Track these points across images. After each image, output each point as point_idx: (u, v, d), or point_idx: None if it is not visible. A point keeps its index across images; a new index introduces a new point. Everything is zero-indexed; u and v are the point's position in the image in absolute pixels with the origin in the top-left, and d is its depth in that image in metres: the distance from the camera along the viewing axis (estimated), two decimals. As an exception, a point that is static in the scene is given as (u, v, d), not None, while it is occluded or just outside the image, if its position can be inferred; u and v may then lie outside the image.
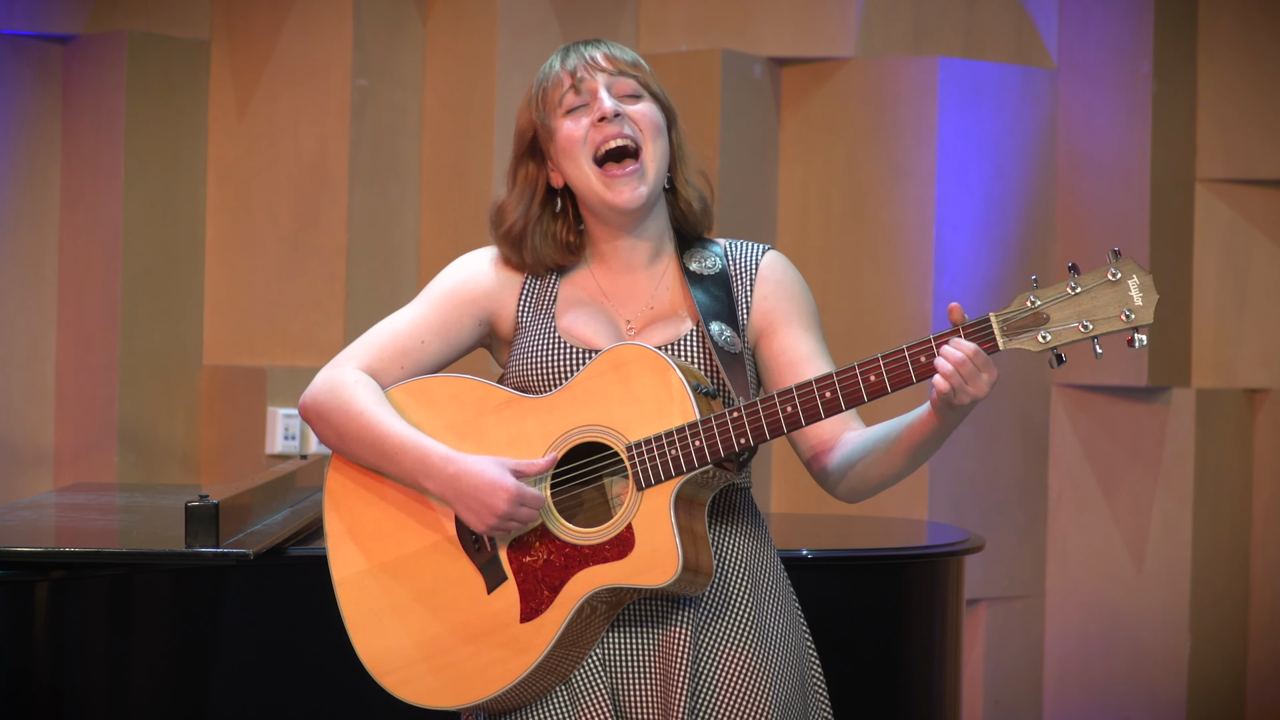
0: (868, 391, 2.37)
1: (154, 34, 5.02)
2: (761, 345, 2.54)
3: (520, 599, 2.42)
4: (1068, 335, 2.31)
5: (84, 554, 3.06)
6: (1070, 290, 2.32)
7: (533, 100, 2.52)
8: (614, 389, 2.41)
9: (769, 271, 2.56)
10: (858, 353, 5.07)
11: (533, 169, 2.54)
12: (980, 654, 5.26)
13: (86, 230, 5.03)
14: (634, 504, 2.39)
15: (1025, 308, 2.33)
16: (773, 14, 5.19)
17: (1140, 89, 5.18)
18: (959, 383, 2.33)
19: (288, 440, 4.94)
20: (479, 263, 2.57)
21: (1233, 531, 5.31)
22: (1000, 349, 2.34)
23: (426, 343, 2.53)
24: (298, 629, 3.20)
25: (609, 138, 2.47)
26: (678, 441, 2.38)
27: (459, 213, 5.06)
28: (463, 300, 2.55)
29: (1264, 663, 5.33)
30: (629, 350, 2.42)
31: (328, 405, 2.50)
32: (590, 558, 2.40)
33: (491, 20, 5.05)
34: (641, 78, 2.50)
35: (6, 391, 5.03)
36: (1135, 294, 2.29)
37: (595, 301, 2.54)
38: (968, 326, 2.36)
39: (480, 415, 2.46)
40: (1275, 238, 5.31)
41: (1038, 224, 5.27)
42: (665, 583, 2.36)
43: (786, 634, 2.52)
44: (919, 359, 2.36)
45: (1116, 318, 2.29)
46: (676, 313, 2.53)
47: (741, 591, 2.48)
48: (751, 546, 2.52)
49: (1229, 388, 5.29)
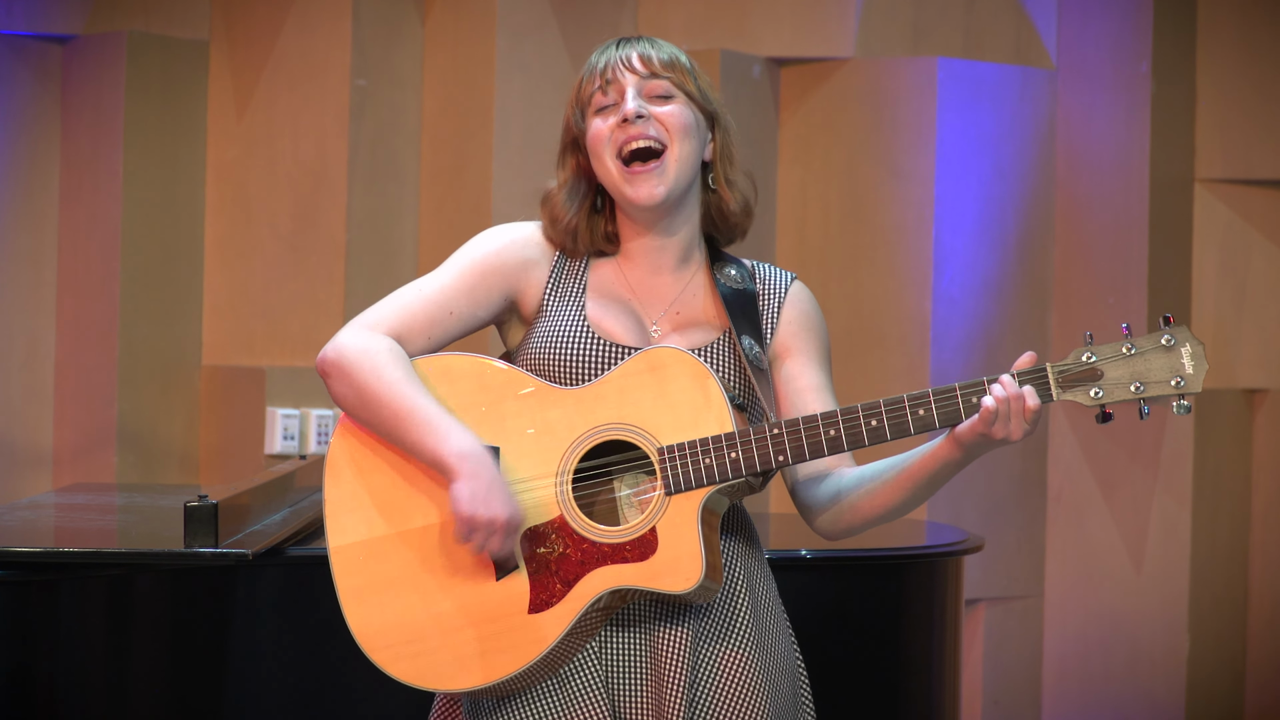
0: (915, 425, 2.38)
1: (153, 34, 5.02)
2: (776, 367, 2.56)
3: (530, 589, 2.40)
4: (1120, 394, 2.37)
5: (83, 554, 3.05)
6: (1126, 351, 2.37)
7: (573, 94, 2.54)
8: (648, 390, 2.41)
9: (796, 299, 2.58)
10: (856, 353, 5.09)
11: (582, 160, 2.55)
12: (979, 654, 5.26)
13: (85, 230, 5.03)
14: (660, 507, 2.39)
15: (1081, 362, 2.38)
16: (771, 14, 5.19)
17: (1139, 89, 5.18)
18: (1005, 411, 2.35)
19: (287, 440, 4.94)
20: (511, 236, 2.56)
21: (1232, 532, 5.31)
22: (1054, 400, 2.37)
23: (455, 313, 2.51)
24: (297, 629, 3.20)
25: (631, 139, 2.48)
26: (713, 450, 2.38)
27: (458, 213, 5.06)
28: (492, 273, 2.53)
29: (1263, 663, 5.33)
30: (668, 354, 2.42)
31: (357, 366, 2.45)
32: (610, 556, 2.39)
33: (490, 20, 5.04)
34: (676, 78, 2.51)
35: (5, 392, 5.02)
36: (1188, 362, 2.36)
37: (622, 297, 2.54)
38: (1024, 373, 2.38)
39: (502, 399, 2.45)
40: (1274, 238, 5.31)
41: (1037, 224, 5.27)
42: (685, 590, 2.36)
43: (781, 645, 2.52)
44: (970, 399, 2.37)
45: (1168, 383, 2.36)
46: (705, 319, 2.53)
47: (743, 601, 2.49)
48: (749, 556, 2.52)
49: (1228, 388, 5.29)
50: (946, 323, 5.10)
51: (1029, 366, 2.37)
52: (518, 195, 4.98)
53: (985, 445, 2.38)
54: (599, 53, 2.54)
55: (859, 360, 5.09)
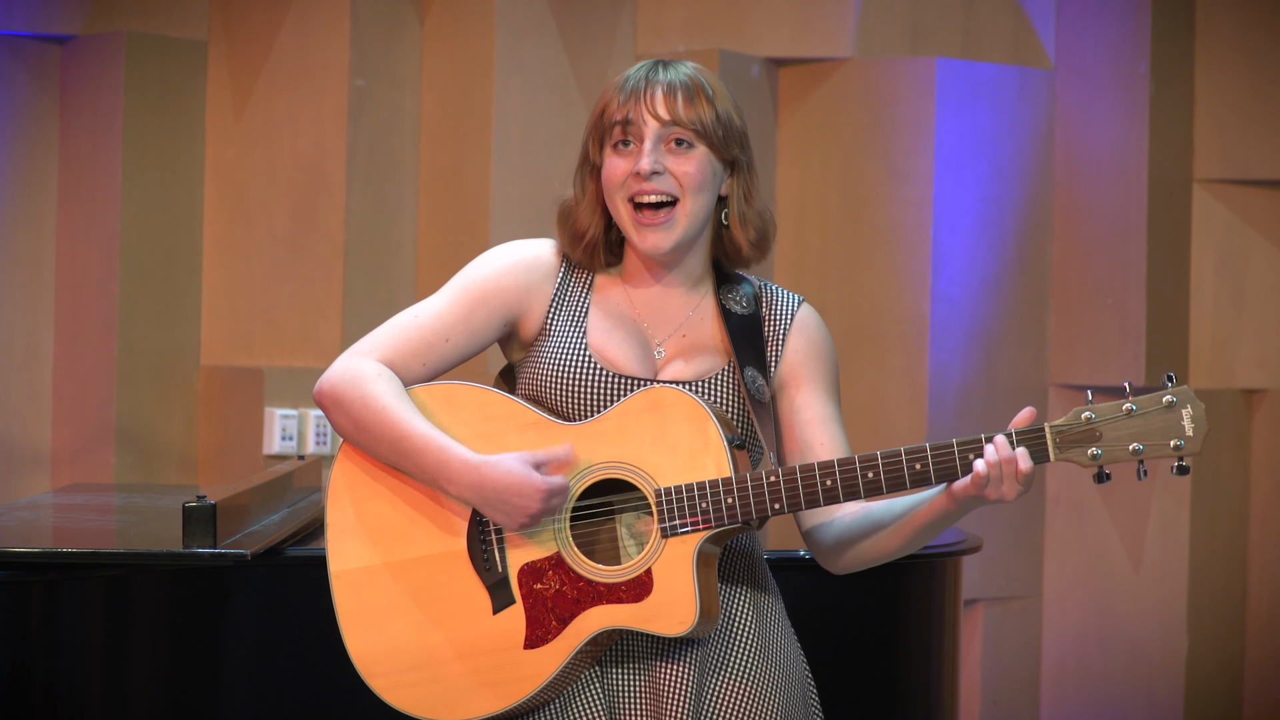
0: (911, 478, 2.36)
1: (152, 34, 5.02)
2: (782, 396, 2.53)
3: (527, 625, 2.40)
4: (1118, 455, 2.33)
5: (81, 554, 3.05)
6: (1126, 411, 2.33)
7: (595, 116, 2.49)
8: (648, 430, 2.39)
9: (804, 326, 2.54)
10: (854, 354, 5.09)
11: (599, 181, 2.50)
12: (978, 654, 5.26)
13: (84, 231, 5.02)
14: (656, 549, 2.38)
15: (1080, 422, 2.34)
16: (770, 14, 5.19)
17: (1138, 89, 5.18)
18: (996, 475, 2.32)
19: (285, 441, 4.94)
20: (514, 259, 2.53)
21: (1230, 532, 5.32)
22: (1050, 460, 2.34)
23: (451, 340, 2.49)
24: (295, 630, 3.20)
25: (644, 192, 2.45)
26: (710, 495, 2.37)
27: (457, 213, 5.06)
28: (491, 298, 2.50)
29: (1261, 663, 5.33)
30: (669, 394, 2.40)
31: (348, 395, 2.44)
32: (605, 595, 2.39)
33: (489, 21, 5.04)
34: (698, 126, 2.45)
35: (4, 392, 5.02)
36: (1188, 424, 2.32)
37: (628, 317, 2.51)
38: (1021, 433, 2.35)
39: (504, 431, 2.43)
40: (1273, 238, 5.31)
41: (1035, 225, 5.27)
42: (679, 634, 2.36)
43: (788, 655, 2.52)
44: (966, 456, 2.35)
45: (1167, 445, 2.32)
46: (710, 347, 2.50)
47: (746, 622, 2.48)
48: (753, 576, 2.52)
49: (1226, 388, 5.29)
50: (945, 323, 5.09)
51: (1026, 425, 2.34)
52: (516, 195, 4.98)
53: (979, 503, 2.37)
54: (627, 77, 2.48)
55: (857, 360, 5.09)
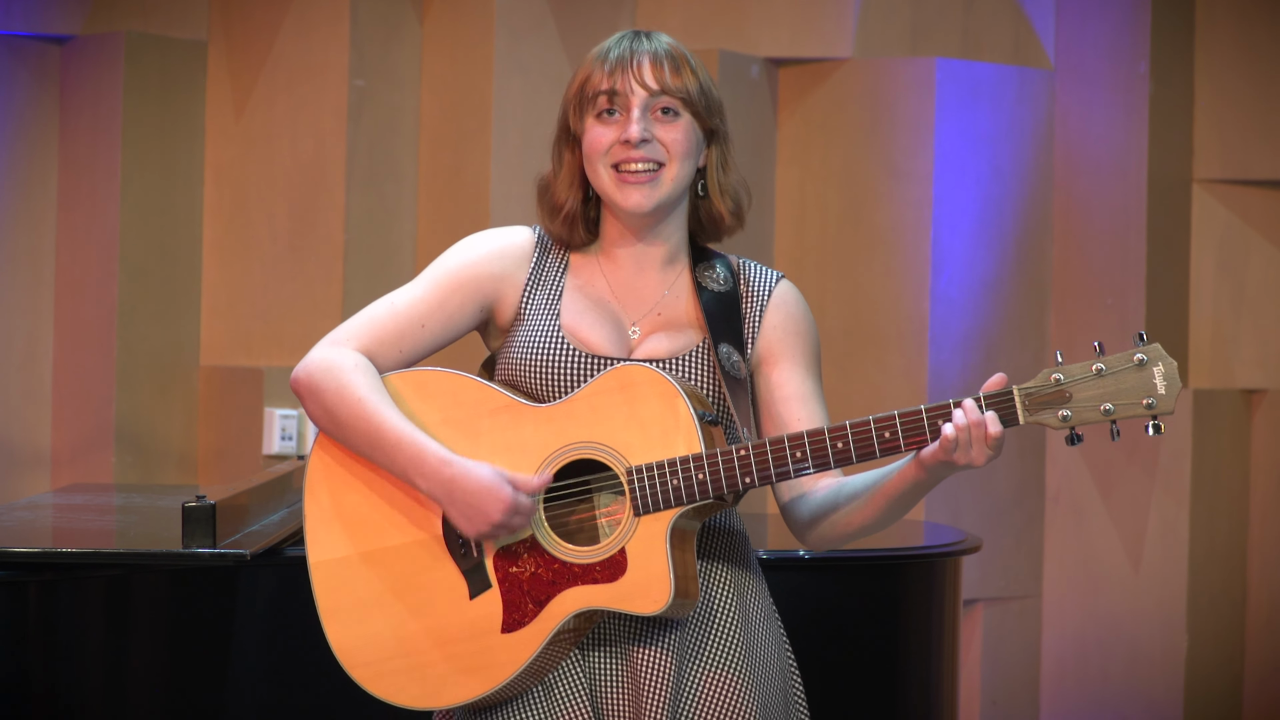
0: (881, 447, 2.34)
1: (151, 35, 5.02)
2: (760, 373, 2.52)
3: (503, 609, 2.40)
4: (1089, 416, 2.30)
5: (81, 554, 3.05)
6: (1095, 371, 2.30)
7: (576, 85, 2.48)
8: (619, 409, 2.39)
9: (781, 302, 2.52)
10: (854, 353, 5.09)
11: (578, 152, 2.50)
12: (977, 654, 5.26)
13: (83, 231, 5.03)
14: (629, 529, 2.38)
15: (1049, 384, 2.31)
16: (770, 14, 5.19)
17: (1137, 90, 5.19)
18: (965, 439, 2.31)
19: (285, 441, 4.94)
20: (488, 246, 2.53)
21: (1230, 532, 5.32)
22: (1020, 423, 2.32)
23: (427, 326, 2.49)
24: (295, 629, 3.20)
25: (630, 159, 2.45)
26: (680, 471, 2.36)
27: (456, 213, 5.06)
28: (466, 284, 2.50)
29: (1261, 663, 5.33)
30: (639, 371, 2.40)
31: (323, 385, 2.45)
32: (580, 576, 2.38)
33: (489, 21, 5.04)
34: (683, 95, 2.46)
35: (4, 392, 5.02)
36: (1159, 382, 2.30)
37: (603, 298, 2.51)
38: (990, 396, 2.33)
39: (477, 416, 2.44)
40: (1272, 238, 5.31)
41: (1035, 225, 5.27)
42: (654, 612, 2.35)
43: (770, 648, 2.51)
44: (935, 422, 2.33)
45: (1139, 404, 2.29)
46: (685, 324, 2.50)
47: (729, 607, 2.48)
48: (736, 561, 2.51)
49: (1226, 388, 5.29)
50: (944, 323, 5.10)
51: (996, 389, 2.33)
52: (516, 195, 4.98)
53: (949, 470, 2.35)
54: (608, 49, 2.48)
55: (857, 360, 5.08)
